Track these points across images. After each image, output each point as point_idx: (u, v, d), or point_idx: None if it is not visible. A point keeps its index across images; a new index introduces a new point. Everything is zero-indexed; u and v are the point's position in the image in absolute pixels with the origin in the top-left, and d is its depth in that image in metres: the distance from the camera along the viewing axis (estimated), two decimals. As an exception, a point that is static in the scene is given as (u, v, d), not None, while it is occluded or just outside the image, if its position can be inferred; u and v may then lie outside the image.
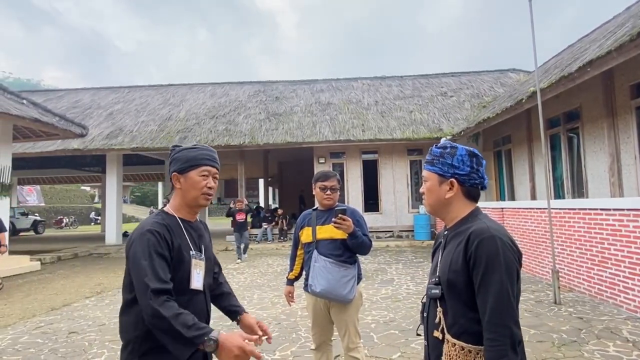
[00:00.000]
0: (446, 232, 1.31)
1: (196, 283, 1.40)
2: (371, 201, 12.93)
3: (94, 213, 31.19)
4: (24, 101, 8.79)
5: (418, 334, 1.38)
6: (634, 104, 6.26)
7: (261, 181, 24.14)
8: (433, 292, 1.23)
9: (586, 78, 5.98)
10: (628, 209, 4.37)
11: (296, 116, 13.70)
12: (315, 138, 12.26)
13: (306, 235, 2.54)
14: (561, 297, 4.86)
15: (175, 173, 1.47)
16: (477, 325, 1.12)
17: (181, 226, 1.45)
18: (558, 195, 8.39)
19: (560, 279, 5.13)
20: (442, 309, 1.21)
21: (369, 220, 11.50)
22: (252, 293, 5.96)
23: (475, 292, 1.13)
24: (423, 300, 1.35)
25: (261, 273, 7.71)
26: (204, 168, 1.46)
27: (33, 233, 21.31)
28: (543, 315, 4.35)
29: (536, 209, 6.50)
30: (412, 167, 12.88)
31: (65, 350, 3.78)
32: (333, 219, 2.30)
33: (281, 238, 13.06)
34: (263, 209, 15.60)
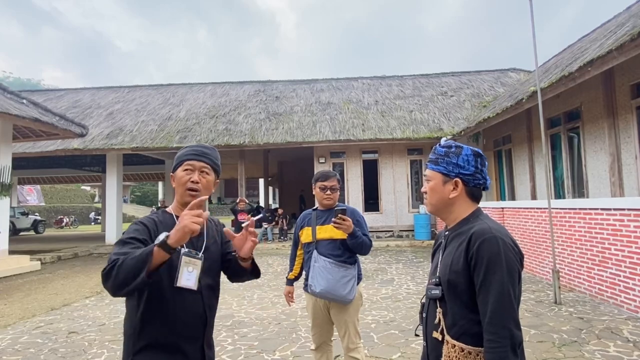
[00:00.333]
0: (447, 233, 1.30)
1: (185, 281, 1.35)
2: (371, 201, 12.93)
3: (94, 213, 31.18)
4: (24, 101, 8.78)
5: (417, 335, 1.37)
6: (635, 104, 6.26)
7: (261, 181, 24.15)
8: (433, 293, 1.22)
9: (587, 78, 5.97)
10: (629, 209, 4.36)
11: (296, 116, 13.70)
12: (315, 138, 12.26)
13: (306, 235, 2.54)
14: (561, 297, 4.85)
15: (171, 174, 1.53)
16: (477, 326, 1.11)
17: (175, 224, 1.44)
18: (558, 195, 8.38)
19: (560, 279, 5.13)
20: (442, 310, 1.20)
21: (369, 220, 11.50)
22: (252, 293, 5.95)
23: (475, 293, 1.12)
24: (422, 300, 1.34)
25: (261, 273, 7.70)
26: (188, 162, 1.46)
27: (33, 233, 21.30)
28: (543, 315, 4.34)
29: (536, 209, 6.50)
30: (413, 167, 12.88)
31: (65, 350, 3.78)
32: (333, 219, 2.30)
33: (281, 238, 13.07)
34: (263, 209, 15.60)
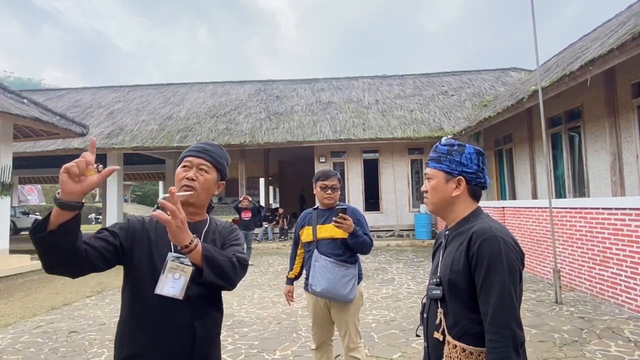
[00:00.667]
0: (447, 232, 1.29)
1: (168, 289, 1.19)
2: (372, 200, 12.93)
3: (94, 214, 31.22)
4: (25, 100, 8.78)
5: (417, 335, 1.36)
6: (636, 103, 6.24)
7: (262, 180, 24.14)
8: (434, 293, 1.21)
9: (588, 77, 5.96)
10: (630, 208, 4.35)
11: (297, 115, 13.69)
12: (315, 137, 12.25)
13: (306, 234, 2.53)
14: (562, 297, 4.84)
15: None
16: (479, 326, 1.10)
17: None
18: (559, 194, 8.37)
19: (561, 279, 5.12)
20: (443, 310, 1.19)
21: (370, 219, 11.47)
22: (253, 292, 5.95)
23: (476, 293, 1.11)
24: (423, 301, 1.33)
25: (261, 272, 7.71)
26: (187, 159, 1.40)
27: (34, 232, 21.29)
28: (544, 314, 4.33)
29: (537, 208, 6.49)
30: (413, 166, 12.87)
31: (65, 349, 3.78)
32: (333, 218, 2.29)
33: (282, 237, 13.07)
34: (264, 208, 15.60)
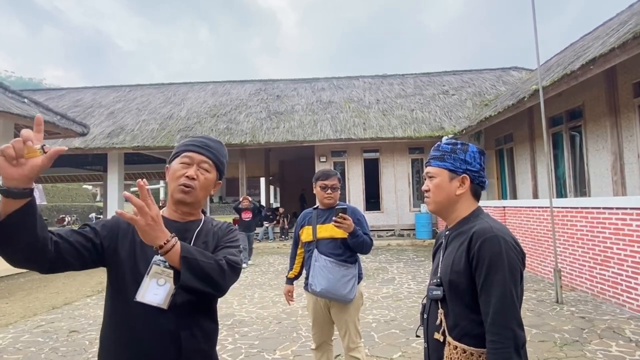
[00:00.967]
0: (447, 232, 1.29)
1: (151, 296, 1.09)
2: (372, 200, 12.91)
3: (95, 214, 31.30)
4: (26, 100, 8.78)
5: (417, 336, 1.36)
6: (637, 102, 6.22)
7: (262, 180, 24.14)
8: (434, 294, 1.20)
9: (589, 76, 5.94)
10: (631, 208, 4.34)
11: (297, 115, 13.68)
12: (316, 137, 12.24)
13: (306, 234, 2.53)
14: (563, 297, 4.84)
15: (167, 166, 1.31)
16: (479, 327, 1.09)
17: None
18: (560, 194, 8.35)
19: (562, 278, 5.11)
20: (444, 311, 1.18)
21: (370, 219, 11.49)
22: (253, 292, 5.95)
23: (477, 294, 1.10)
24: (423, 301, 1.33)
25: (262, 272, 7.71)
26: (185, 154, 1.24)
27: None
28: (545, 314, 4.32)
29: (538, 208, 6.48)
30: (414, 166, 12.86)
31: (66, 349, 3.78)
32: (333, 218, 2.29)
33: (282, 237, 13.08)
34: (264, 208, 15.60)
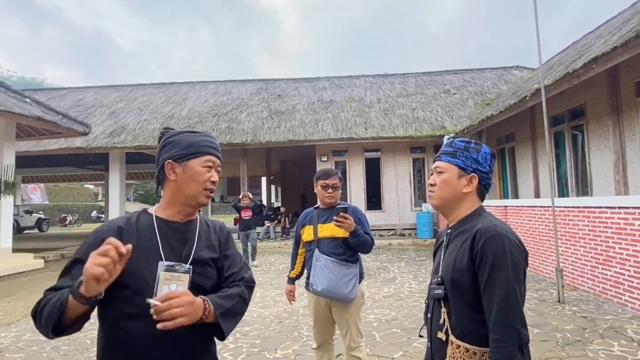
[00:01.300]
0: (449, 231, 1.28)
1: None
2: (374, 199, 12.91)
3: (96, 212, 31.36)
4: (27, 100, 8.81)
5: (421, 336, 1.35)
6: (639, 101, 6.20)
7: (264, 179, 24.16)
8: (436, 293, 1.20)
9: (591, 75, 5.92)
10: (633, 207, 4.32)
11: (298, 114, 13.68)
12: (317, 136, 12.24)
13: (307, 233, 2.53)
14: (565, 296, 4.83)
15: (170, 161, 1.16)
16: (482, 326, 1.09)
17: (154, 228, 1.14)
18: (562, 193, 8.33)
19: (564, 278, 5.10)
20: (446, 310, 1.18)
21: (372, 218, 11.48)
22: (254, 291, 5.94)
23: (480, 292, 1.10)
24: (426, 301, 1.32)
25: (263, 271, 7.71)
26: (209, 158, 1.19)
27: (37, 231, 21.40)
28: (547, 314, 4.31)
29: (540, 207, 6.46)
30: (415, 165, 12.84)
31: (67, 348, 3.79)
32: (334, 218, 2.28)
33: (283, 236, 13.08)
34: (265, 207, 15.61)
